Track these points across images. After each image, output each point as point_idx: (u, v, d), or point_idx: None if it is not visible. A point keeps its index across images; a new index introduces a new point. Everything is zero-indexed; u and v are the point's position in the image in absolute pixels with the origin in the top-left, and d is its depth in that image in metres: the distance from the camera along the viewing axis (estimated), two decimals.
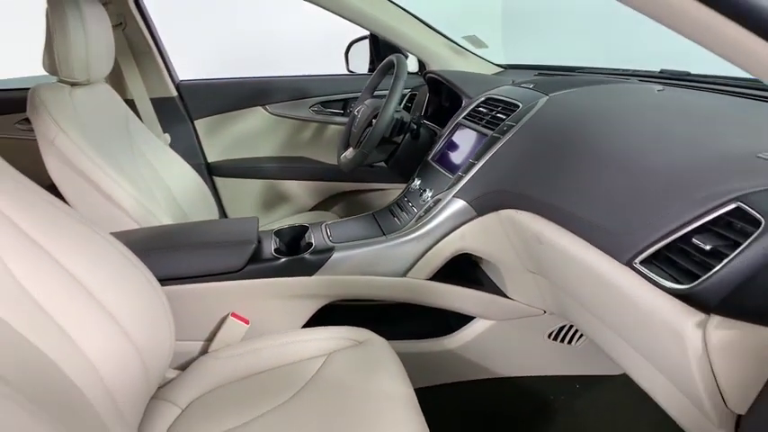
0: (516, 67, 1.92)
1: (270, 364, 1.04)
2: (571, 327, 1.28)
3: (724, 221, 0.60)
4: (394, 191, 1.99)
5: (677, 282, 0.61)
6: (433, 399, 1.26)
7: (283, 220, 1.83)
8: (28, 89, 1.26)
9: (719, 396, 0.65)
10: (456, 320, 1.29)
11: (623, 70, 1.49)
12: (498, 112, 1.21)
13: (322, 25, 2.04)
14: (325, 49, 2.20)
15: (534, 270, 1.12)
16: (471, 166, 1.14)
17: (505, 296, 1.24)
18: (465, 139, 1.29)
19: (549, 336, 1.29)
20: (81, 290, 0.82)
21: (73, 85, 1.33)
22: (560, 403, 1.31)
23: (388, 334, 1.09)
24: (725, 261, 0.56)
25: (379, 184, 1.96)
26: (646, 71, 1.42)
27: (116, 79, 1.73)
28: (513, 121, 1.12)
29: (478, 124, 1.25)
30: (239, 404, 0.94)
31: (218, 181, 1.96)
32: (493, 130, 1.17)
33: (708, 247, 0.59)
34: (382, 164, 1.58)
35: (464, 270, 1.32)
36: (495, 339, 1.28)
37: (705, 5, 0.38)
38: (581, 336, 1.29)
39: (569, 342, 1.30)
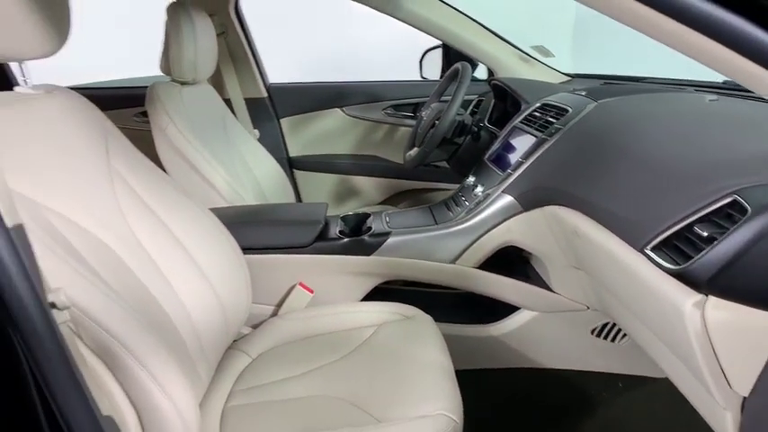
0: (583, 76, 1.97)
1: (328, 328, 1.19)
2: (614, 325, 1.33)
3: (723, 212, 0.67)
4: (453, 191, 2.10)
5: (676, 264, 0.69)
6: (472, 381, 1.36)
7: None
8: (146, 87, 1.51)
9: (723, 377, 0.71)
10: (501, 310, 1.38)
11: (688, 81, 1.52)
12: (550, 117, 1.30)
13: (397, 36, 2.20)
14: (398, 58, 2.35)
15: (576, 265, 1.19)
16: (520, 164, 1.24)
17: (550, 290, 1.31)
18: (519, 141, 1.38)
19: (593, 332, 1.34)
20: (180, 248, 1.02)
21: (182, 83, 1.57)
22: (601, 399, 1.36)
23: (435, 316, 1.21)
24: (714, 244, 0.63)
25: (442, 183, 2.08)
26: (710, 82, 1.44)
27: (217, 81, 1.98)
28: (561, 125, 1.20)
29: (531, 127, 1.34)
30: (299, 358, 1.10)
31: (298, 174, 2.18)
32: (542, 132, 1.26)
33: (705, 234, 0.66)
34: (445, 164, 1.71)
35: (514, 264, 1.41)
36: (539, 330, 1.35)
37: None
38: (625, 335, 1.33)
39: (612, 340, 1.34)
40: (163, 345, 0.81)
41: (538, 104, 1.43)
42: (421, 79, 2.18)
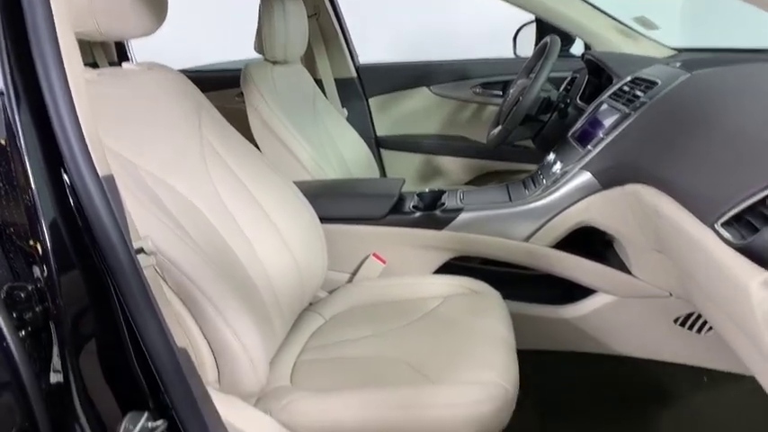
0: (693, 50, 1.81)
1: (397, 297, 1.24)
2: (699, 315, 1.23)
3: None
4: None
5: (743, 239, 0.64)
6: (539, 361, 1.34)
7: None
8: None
9: None
10: (576, 293, 1.34)
11: None
12: (639, 90, 1.22)
13: (492, 13, 2.16)
14: (491, 36, 2.30)
15: (658, 248, 1.12)
16: (601, 140, 1.18)
17: (630, 274, 1.25)
18: (605, 117, 1.31)
19: (676, 321, 1.26)
20: (262, 213, 1.11)
21: (274, 63, 1.67)
22: (681, 392, 1.28)
23: (504, 293, 1.21)
24: None
25: (528, 164, 2.02)
26: None
27: (309, 61, 2.09)
28: (648, 98, 1.13)
29: (619, 102, 1.27)
30: (369, 321, 1.16)
31: (384, 153, 2.23)
32: (629, 107, 1.19)
33: None
34: (532, 144, 1.66)
35: (594, 245, 1.35)
36: (616, 315, 1.30)
37: None
38: (711, 327, 1.24)
39: (698, 331, 1.25)
40: (239, 296, 0.90)
41: (628, 78, 1.35)
42: (513, 56, 2.13)
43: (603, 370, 1.33)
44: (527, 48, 2.13)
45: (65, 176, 0.62)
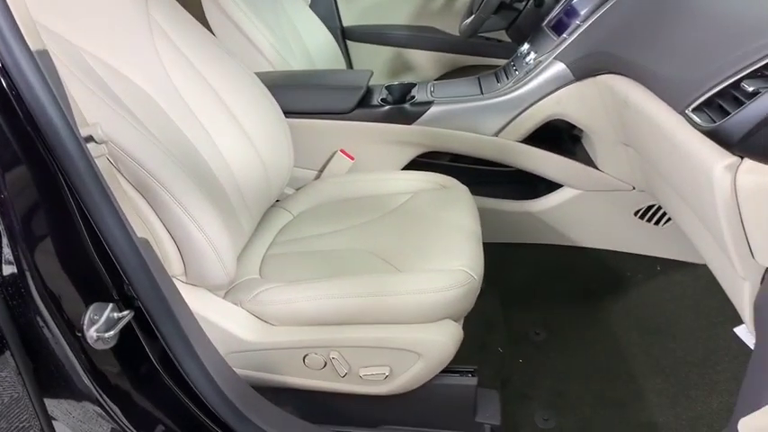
0: None
1: (366, 193, 1.23)
2: (660, 207, 1.27)
3: None
4: None
5: (713, 122, 0.64)
6: (504, 253, 1.38)
7: None
8: None
9: (746, 245, 0.68)
10: (542, 188, 1.35)
11: None
12: None
13: None
14: None
15: (625, 141, 1.13)
16: (576, 27, 1.13)
17: (596, 168, 1.26)
18: (583, 5, 1.25)
19: (636, 213, 1.30)
20: (221, 104, 1.05)
21: None
22: (636, 280, 1.35)
23: (473, 190, 1.21)
24: (755, 97, 0.57)
25: (504, 60, 1.95)
26: None
27: None
28: None
29: None
30: (337, 217, 1.15)
31: (351, 45, 2.11)
32: None
33: (751, 89, 0.60)
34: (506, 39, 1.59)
35: (560, 140, 1.35)
36: (580, 209, 1.33)
37: None
38: (669, 219, 1.28)
39: (656, 223, 1.30)
40: (201, 190, 0.87)
41: None
42: None
43: (564, 261, 1.39)
44: None
45: None
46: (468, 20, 1.58)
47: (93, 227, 0.62)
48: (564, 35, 1.16)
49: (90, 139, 0.65)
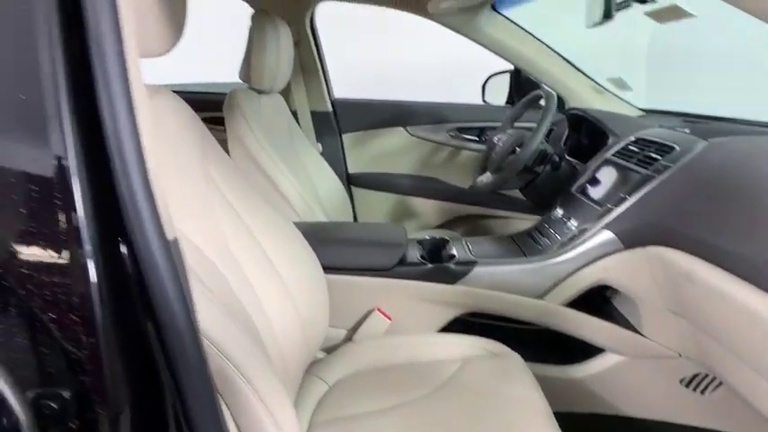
0: (659, 112, 1.91)
1: (407, 359, 1.13)
2: (706, 376, 1.24)
3: None
4: (516, 219, 2.03)
5: None
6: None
7: (411, 234, 1.95)
8: (209, 92, 1.48)
9: None
10: (585, 350, 1.30)
11: None
12: (651, 152, 1.24)
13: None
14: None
15: (676, 311, 1.12)
16: (623, 200, 1.17)
17: (640, 334, 1.24)
18: (611, 176, 1.32)
19: (682, 381, 1.26)
20: (267, 260, 0.97)
21: (259, 92, 1.53)
22: None
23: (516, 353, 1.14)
24: None
25: (504, 211, 2.02)
26: None
27: (286, 92, 1.95)
28: (670, 162, 1.14)
29: (629, 162, 1.28)
30: (379, 390, 1.03)
31: (355, 191, 2.13)
32: (646, 168, 1.19)
33: None
34: (511, 192, 1.65)
35: (595, 303, 1.34)
36: (624, 376, 1.27)
37: None
38: (716, 387, 1.25)
39: (702, 392, 1.26)
40: (260, 363, 0.75)
41: (632, 138, 1.37)
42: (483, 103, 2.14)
43: None
44: (494, 96, 2.16)
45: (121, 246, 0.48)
46: (485, 176, 1.64)
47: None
48: (609, 205, 1.19)
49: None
